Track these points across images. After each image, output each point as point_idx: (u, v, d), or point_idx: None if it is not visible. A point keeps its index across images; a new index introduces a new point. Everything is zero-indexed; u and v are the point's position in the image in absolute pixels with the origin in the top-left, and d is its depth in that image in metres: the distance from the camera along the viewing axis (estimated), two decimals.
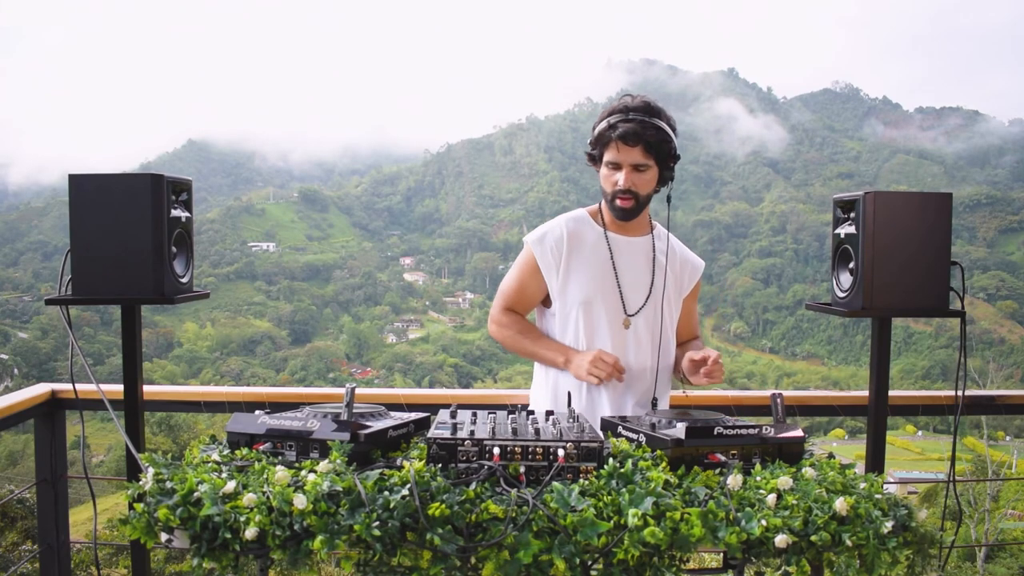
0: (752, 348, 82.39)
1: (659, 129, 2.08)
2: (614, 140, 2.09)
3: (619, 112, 2.10)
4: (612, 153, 2.11)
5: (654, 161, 2.11)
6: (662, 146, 2.09)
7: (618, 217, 2.20)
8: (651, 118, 2.08)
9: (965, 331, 2.27)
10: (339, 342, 70.45)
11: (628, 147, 2.08)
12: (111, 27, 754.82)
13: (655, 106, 2.12)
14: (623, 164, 2.11)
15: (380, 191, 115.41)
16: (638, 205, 2.16)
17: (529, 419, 1.78)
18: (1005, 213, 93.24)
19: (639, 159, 2.09)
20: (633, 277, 2.25)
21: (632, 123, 2.06)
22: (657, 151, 2.09)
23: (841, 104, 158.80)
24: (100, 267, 2.02)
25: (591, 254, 2.24)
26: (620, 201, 2.14)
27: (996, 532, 11.75)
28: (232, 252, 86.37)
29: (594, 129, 2.17)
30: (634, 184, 2.11)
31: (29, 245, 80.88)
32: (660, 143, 2.08)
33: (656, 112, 2.10)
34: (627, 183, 2.11)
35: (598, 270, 2.23)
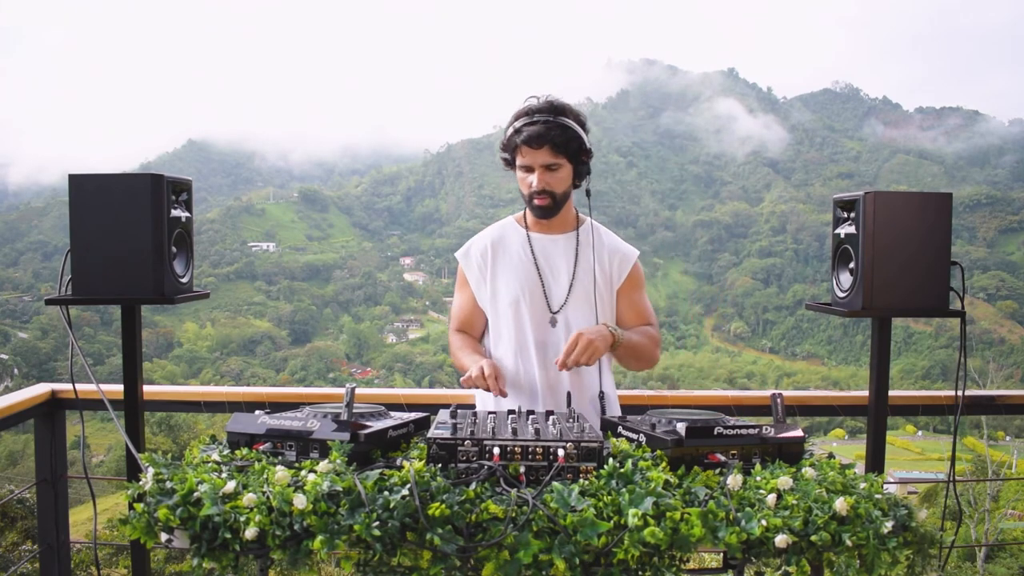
0: (752, 348, 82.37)
1: (564, 127, 2.10)
2: (520, 144, 2.12)
3: (524, 116, 2.13)
4: (522, 157, 2.14)
5: (565, 159, 2.13)
6: (570, 143, 2.11)
7: (538, 216, 2.23)
8: (555, 117, 2.11)
9: (965, 331, 2.27)
10: (339, 342, 70.44)
11: (535, 149, 2.11)
12: (111, 27, 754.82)
13: (559, 104, 2.14)
14: (534, 166, 2.13)
15: (380, 191, 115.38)
16: (555, 203, 2.18)
17: (529, 419, 1.78)
18: (1005, 213, 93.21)
19: (548, 159, 2.12)
20: (557, 274, 2.28)
21: (536, 125, 2.09)
22: (566, 149, 2.11)
23: (841, 104, 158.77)
24: (100, 267, 2.02)
25: (515, 257, 2.29)
26: (537, 201, 2.17)
27: (996, 532, 11.75)
28: (232, 252, 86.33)
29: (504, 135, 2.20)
30: (548, 184, 2.14)
31: (29, 245, 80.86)
32: (567, 141, 2.11)
33: (560, 111, 2.13)
34: (540, 184, 2.14)
35: (522, 271, 2.27)
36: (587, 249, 2.28)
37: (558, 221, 2.28)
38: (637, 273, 2.33)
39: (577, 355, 1.99)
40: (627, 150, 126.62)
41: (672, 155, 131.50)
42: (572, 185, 2.22)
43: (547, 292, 2.26)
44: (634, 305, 2.33)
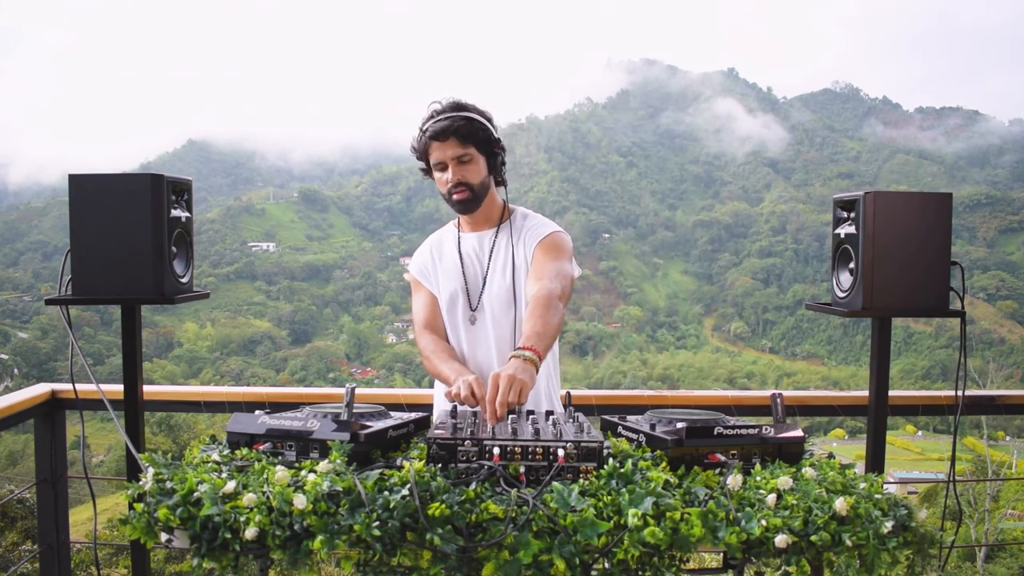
0: (752, 348, 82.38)
1: (469, 119, 2.14)
2: (428, 141, 2.16)
3: (429, 119, 2.18)
4: (434, 155, 2.18)
5: (475, 149, 2.16)
6: (477, 134, 2.15)
7: (459, 212, 2.26)
8: (457, 112, 2.15)
9: (965, 331, 2.27)
10: (339, 342, 70.45)
11: (442, 143, 2.14)
12: (111, 27, 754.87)
13: (461, 102, 2.19)
14: (446, 160, 2.16)
15: (380, 191, 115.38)
16: (474, 196, 2.20)
17: (529, 419, 1.78)
18: (1005, 213, 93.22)
19: (458, 151, 2.14)
20: (479, 272, 2.29)
21: (440, 121, 2.13)
22: (474, 139, 2.15)
23: (841, 104, 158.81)
24: (100, 267, 2.02)
25: (447, 259, 2.34)
26: (456, 195, 2.19)
27: (996, 532, 11.75)
28: (232, 252, 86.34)
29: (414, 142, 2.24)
30: (462, 175, 2.16)
31: (29, 245, 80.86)
32: (473, 132, 2.14)
33: (462, 107, 2.18)
34: (455, 176, 2.16)
35: (451, 272, 2.31)
36: (507, 241, 2.28)
37: (483, 217, 2.30)
38: (548, 240, 2.22)
39: (503, 397, 1.66)
40: (627, 150, 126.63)
41: (672, 155, 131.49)
42: (489, 177, 2.23)
43: (469, 291, 2.28)
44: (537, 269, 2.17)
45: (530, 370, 1.75)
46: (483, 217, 2.30)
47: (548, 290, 2.01)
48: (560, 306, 2.02)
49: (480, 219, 2.30)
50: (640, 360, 67.96)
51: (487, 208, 2.27)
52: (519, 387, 1.68)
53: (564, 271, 2.16)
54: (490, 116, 2.22)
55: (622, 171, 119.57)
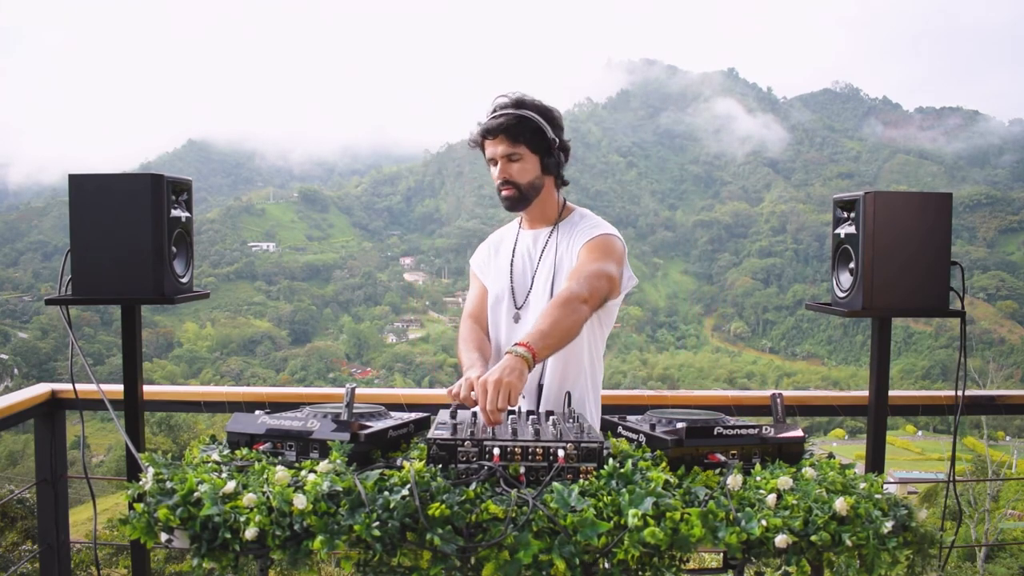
0: (752, 348, 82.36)
1: (522, 118, 2.11)
2: (481, 139, 2.17)
3: (488, 114, 2.16)
4: (487, 151, 2.17)
5: (525, 148, 2.13)
6: (526, 133, 2.12)
7: (507, 208, 2.24)
8: (515, 110, 2.13)
9: (965, 331, 2.27)
10: (339, 342, 70.43)
11: (492, 140, 2.14)
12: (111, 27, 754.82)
13: (521, 98, 2.16)
14: (496, 158, 2.16)
15: (380, 191, 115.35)
16: (521, 194, 2.18)
17: (529, 419, 1.78)
18: (1005, 213, 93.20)
19: (507, 149, 2.13)
20: (528, 270, 2.29)
21: (494, 119, 2.12)
22: (524, 138, 2.12)
23: (841, 104, 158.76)
24: (100, 267, 2.02)
25: (502, 256, 2.35)
26: (503, 192, 2.18)
27: (996, 532, 11.75)
28: (232, 252, 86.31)
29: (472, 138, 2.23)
30: (509, 174, 2.15)
31: (29, 245, 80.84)
32: (524, 131, 2.11)
33: (521, 104, 2.14)
34: (502, 174, 2.15)
35: (502, 269, 2.32)
36: (561, 241, 2.27)
37: (540, 216, 2.29)
38: (592, 242, 2.14)
39: (491, 405, 1.62)
40: (627, 150, 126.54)
41: (672, 155, 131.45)
42: (542, 177, 2.20)
43: (515, 289, 2.27)
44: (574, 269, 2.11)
45: (520, 368, 1.70)
46: (540, 215, 2.29)
47: (569, 290, 1.96)
48: (580, 308, 1.92)
49: (537, 217, 2.30)
50: (640, 360, 67.93)
51: (543, 207, 2.26)
52: (507, 390, 1.64)
53: (601, 273, 2.05)
54: (553, 114, 2.17)
55: (622, 171, 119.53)
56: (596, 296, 2.01)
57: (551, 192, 2.26)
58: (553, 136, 2.16)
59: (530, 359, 1.74)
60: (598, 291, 2.02)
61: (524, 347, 1.75)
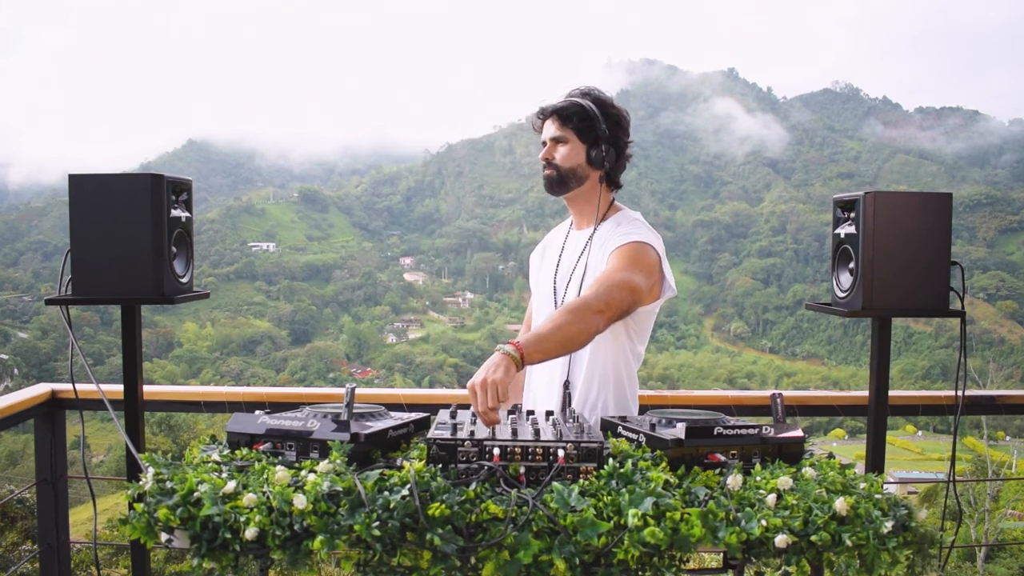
0: (752, 348, 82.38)
1: (575, 104, 2.14)
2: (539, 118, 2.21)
3: None
4: (542, 132, 2.21)
5: (572, 133, 2.15)
6: (575, 119, 2.14)
7: (546, 189, 2.25)
8: (577, 97, 2.16)
9: (965, 331, 2.27)
10: (339, 342, 70.44)
11: (543, 120, 2.19)
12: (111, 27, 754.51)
13: (590, 90, 2.19)
14: (545, 139, 2.19)
15: (380, 191, 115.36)
16: (560, 177, 2.18)
17: (529, 419, 1.78)
18: (1005, 213, 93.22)
19: (554, 131, 2.16)
20: (567, 271, 2.28)
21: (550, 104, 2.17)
22: (572, 123, 2.14)
23: (841, 104, 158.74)
24: (100, 267, 2.02)
25: (549, 255, 2.36)
26: (545, 172, 2.20)
27: (996, 532, 11.75)
28: (232, 252, 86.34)
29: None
30: (552, 155, 2.17)
31: (29, 245, 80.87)
32: (573, 116, 2.13)
33: (587, 94, 2.17)
34: (546, 155, 2.18)
35: (548, 269, 2.33)
36: (599, 243, 2.23)
37: (587, 215, 2.27)
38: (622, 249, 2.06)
39: (482, 407, 1.60)
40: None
41: (672, 155, 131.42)
42: (588, 168, 2.17)
43: (556, 290, 2.27)
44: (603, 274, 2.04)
45: (503, 364, 1.65)
46: (587, 214, 2.27)
47: (584, 298, 1.88)
48: (591, 318, 1.84)
49: (584, 216, 2.29)
50: None
51: (589, 205, 2.23)
52: (493, 389, 1.60)
53: (624, 283, 1.96)
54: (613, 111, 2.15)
55: None
56: (614, 307, 1.90)
57: (596, 188, 2.21)
58: (604, 128, 2.13)
59: (517, 358, 1.68)
60: (617, 302, 1.91)
61: (513, 346, 1.70)
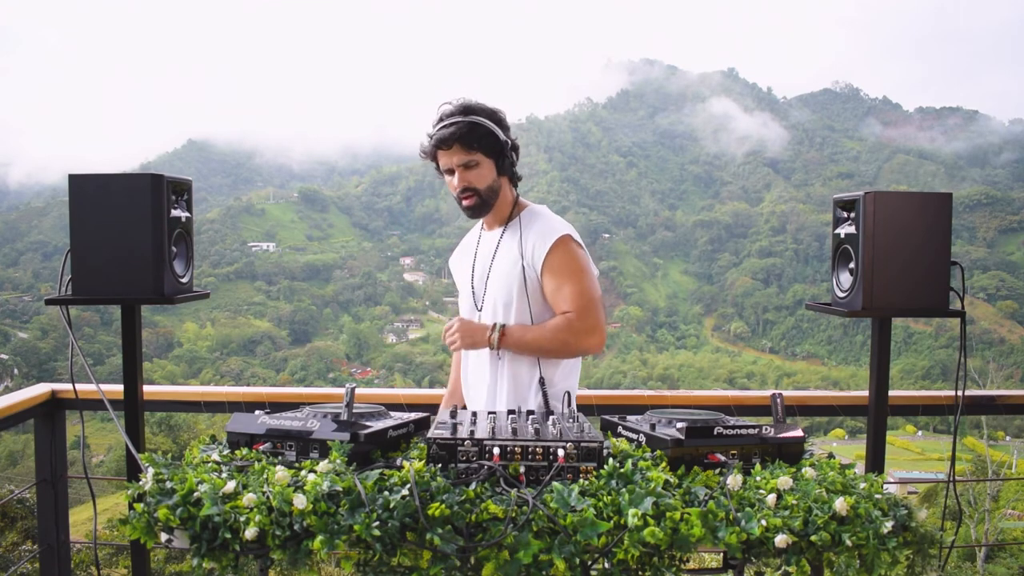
0: (752, 348, 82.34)
1: (473, 124, 2.11)
2: (434, 150, 2.17)
3: (436, 123, 2.16)
4: (441, 161, 2.18)
5: (480, 154, 2.14)
6: (482, 140, 2.13)
7: (469, 216, 2.28)
8: (464, 117, 2.12)
9: (965, 331, 2.27)
10: (339, 342, 70.41)
11: (447, 151, 2.14)
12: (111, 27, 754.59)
13: (469, 104, 2.16)
14: (453, 167, 2.16)
15: (380, 191, 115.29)
16: (482, 200, 2.20)
17: (529, 419, 1.78)
18: (1005, 213, 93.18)
19: (463, 157, 2.14)
20: (483, 273, 2.31)
21: (445, 128, 2.12)
22: (479, 145, 2.13)
23: (841, 104, 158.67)
24: (100, 267, 2.02)
25: (466, 257, 2.41)
26: (465, 201, 2.20)
27: (996, 532, 11.75)
28: (232, 252, 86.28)
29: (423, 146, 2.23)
30: (468, 181, 2.16)
31: (29, 245, 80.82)
32: (478, 137, 2.12)
33: (469, 110, 2.14)
34: (462, 182, 2.16)
35: (465, 271, 2.38)
36: (511, 239, 2.26)
37: (496, 216, 2.30)
38: (554, 255, 2.16)
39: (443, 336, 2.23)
40: (627, 150, 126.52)
41: (672, 155, 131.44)
42: (499, 179, 2.22)
43: (474, 289, 2.32)
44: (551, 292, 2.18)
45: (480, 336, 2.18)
46: (496, 216, 2.30)
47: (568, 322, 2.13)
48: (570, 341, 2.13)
49: (494, 218, 2.31)
50: (640, 360, 67.94)
51: (499, 207, 2.27)
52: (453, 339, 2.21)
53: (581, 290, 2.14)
54: (500, 116, 2.18)
55: (622, 171, 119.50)
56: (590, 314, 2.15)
57: (506, 192, 2.28)
58: (505, 138, 2.17)
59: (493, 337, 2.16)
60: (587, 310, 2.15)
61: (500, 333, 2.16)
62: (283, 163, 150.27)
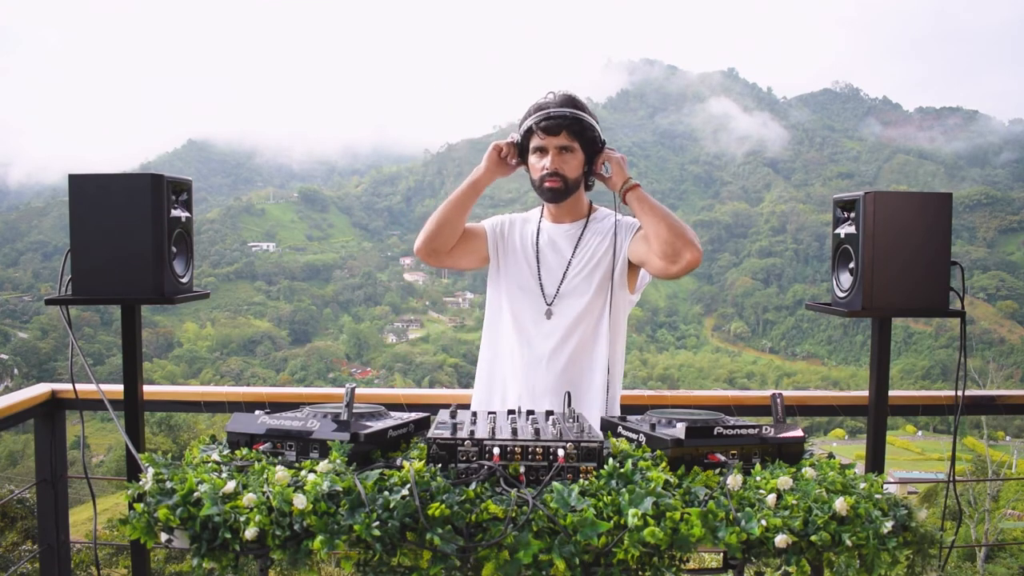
0: (752, 348, 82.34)
1: (581, 120, 2.17)
2: (538, 131, 2.18)
3: (542, 108, 2.19)
4: (537, 140, 2.20)
5: (579, 146, 2.19)
6: (585, 131, 2.19)
7: (547, 200, 2.26)
8: (575, 109, 2.18)
9: (965, 331, 2.27)
10: (339, 342, 70.39)
11: (553, 136, 2.17)
12: (111, 27, 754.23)
13: (578, 100, 2.21)
14: (548, 148, 2.18)
15: (380, 191, 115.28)
16: (566, 187, 2.22)
17: (529, 419, 1.78)
18: (1005, 213, 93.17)
19: (563, 142, 2.17)
20: (557, 264, 2.29)
21: (554, 118, 2.16)
22: (581, 136, 2.18)
23: (841, 104, 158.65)
24: (100, 267, 2.02)
25: (522, 245, 2.34)
26: (548, 183, 2.20)
27: (996, 532, 11.75)
28: (232, 252, 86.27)
29: (521, 126, 2.24)
30: (560, 166, 2.19)
31: (29, 245, 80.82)
32: (583, 129, 2.18)
33: (579, 104, 2.20)
34: (553, 165, 2.18)
35: (524, 260, 2.32)
36: (592, 237, 2.29)
37: (569, 210, 2.32)
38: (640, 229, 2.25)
39: None
40: (627, 150, 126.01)
41: (672, 155, 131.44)
42: (584, 176, 2.26)
43: (543, 283, 2.28)
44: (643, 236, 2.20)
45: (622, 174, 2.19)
46: (571, 211, 2.32)
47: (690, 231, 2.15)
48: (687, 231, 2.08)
49: (567, 211, 2.32)
50: (640, 360, 67.87)
51: (576, 203, 2.30)
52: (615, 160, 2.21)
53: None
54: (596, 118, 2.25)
55: None
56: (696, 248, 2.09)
57: (582, 191, 2.31)
58: (603, 138, 2.24)
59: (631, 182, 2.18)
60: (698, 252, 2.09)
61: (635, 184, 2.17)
62: (283, 163, 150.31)
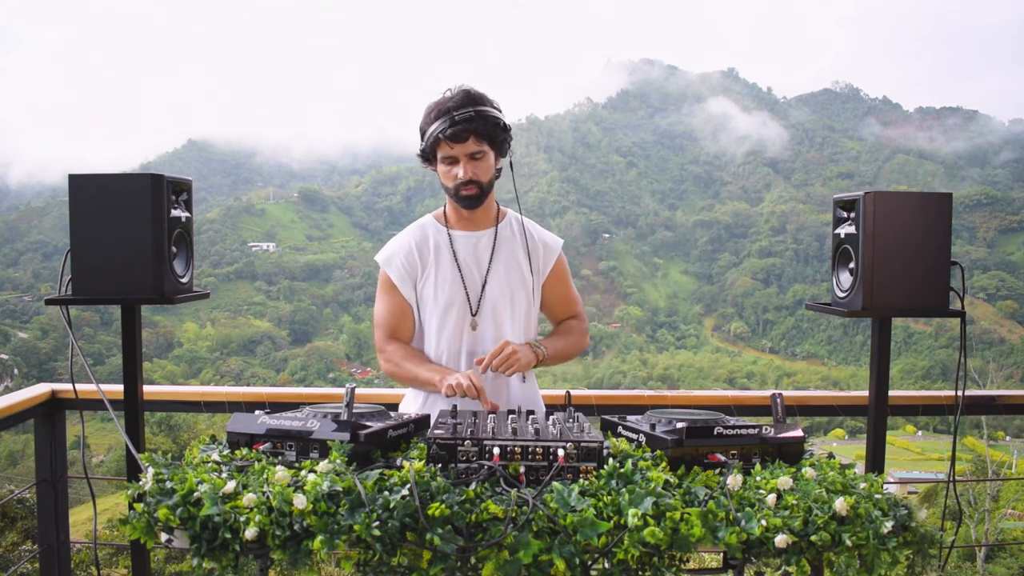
0: (752, 348, 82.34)
1: (485, 117, 2.06)
2: (444, 141, 2.06)
3: (444, 114, 2.05)
4: (446, 150, 2.09)
5: (487, 146, 2.10)
6: (492, 131, 2.08)
7: (465, 207, 2.16)
8: (476, 107, 2.05)
9: (965, 331, 2.27)
10: (339, 342, 70.41)
11: (460, 143, 2.07)
12: (111, 27, 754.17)
13: (476, 94, 2.09)
14: (459, 156, 2.09)
15: (380, 191, 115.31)
16: (482, 192, 2.14)
17: (529, 419, 1.78)
18: (1005, 213, 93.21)
19: (472, 148, 2.08)
20: (477, 274, 2.23)
21: (458, 124, 2.03)
22: (489, 137, 2.09)
23: (841, 104, 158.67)
24: (100, 267, 2.02)
25: (438, 258, 2.23)
26: (464, 191, 2.11)
27: (996, 532, 11.74)
28: (232, 252, 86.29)
29: (423, 133, 2.13)
30: (474, 173, 2.10)
31: (29, 245, 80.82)
32: (490, 129, 2.07)
33: (479, 100, 2.08)
34: (467, 174, 2.09)
35: (447, 273, 2.22)
36: (508, 244, 2.25)
37: (480, 216, 2.24)
38: (562, 265, 2.34)
39: (497, 363, 2.05)
40: (627, 150, 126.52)
41: (672, 155, 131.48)
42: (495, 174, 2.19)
43: (468, 294, 2.21)
44: (561, 297, 2.37)
45: (530, 361, 2.15)
46: (480, 216, 2.24)
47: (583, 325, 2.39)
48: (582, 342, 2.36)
49: (479, 217, 2.24)
50: (640, 360, 67.92)
51: (485, 206, 2.21)
52: (511, 364, 2.06)
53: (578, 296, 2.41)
54: (498, 105, 2.12)
55: (622, 171, 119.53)
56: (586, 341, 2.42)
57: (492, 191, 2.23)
58: (506, 125, 2.13)
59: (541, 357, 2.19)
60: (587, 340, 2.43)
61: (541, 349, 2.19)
62: (283, 163, 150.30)
